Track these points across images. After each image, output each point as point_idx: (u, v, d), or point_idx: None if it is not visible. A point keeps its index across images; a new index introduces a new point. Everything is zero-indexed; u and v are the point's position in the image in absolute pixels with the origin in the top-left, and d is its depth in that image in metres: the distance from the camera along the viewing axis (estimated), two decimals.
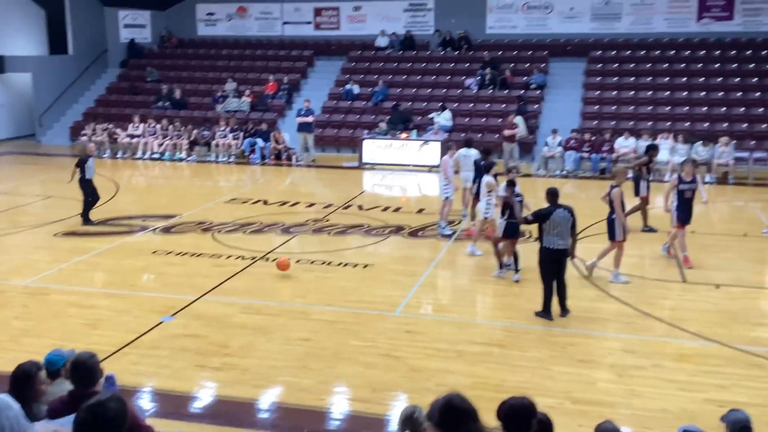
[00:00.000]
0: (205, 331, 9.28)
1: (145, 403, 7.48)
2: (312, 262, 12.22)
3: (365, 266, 12.01)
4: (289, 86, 26.52)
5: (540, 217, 9.70)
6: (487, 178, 12.16)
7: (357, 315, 9.89)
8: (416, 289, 10.96)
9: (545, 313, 9.67)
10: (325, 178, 20.92)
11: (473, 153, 14.38)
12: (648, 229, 14.12)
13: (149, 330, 9.28)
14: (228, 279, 11.35)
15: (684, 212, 11.89)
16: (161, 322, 9.53)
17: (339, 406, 7.57)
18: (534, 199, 12.59)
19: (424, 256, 12.65)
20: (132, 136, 24.04)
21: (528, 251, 12.95)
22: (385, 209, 16.20)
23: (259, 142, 22.89)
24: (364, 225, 14.69)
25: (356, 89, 25.53)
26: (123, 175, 20.98)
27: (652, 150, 14.71)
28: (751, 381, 7.93)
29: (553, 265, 9.70)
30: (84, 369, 4.53)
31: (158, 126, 24.14)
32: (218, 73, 27.80)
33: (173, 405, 7.53)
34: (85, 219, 14.70)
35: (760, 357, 8.50)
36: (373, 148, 21.92)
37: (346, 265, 12.11)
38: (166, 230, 14.32)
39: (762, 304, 10.39)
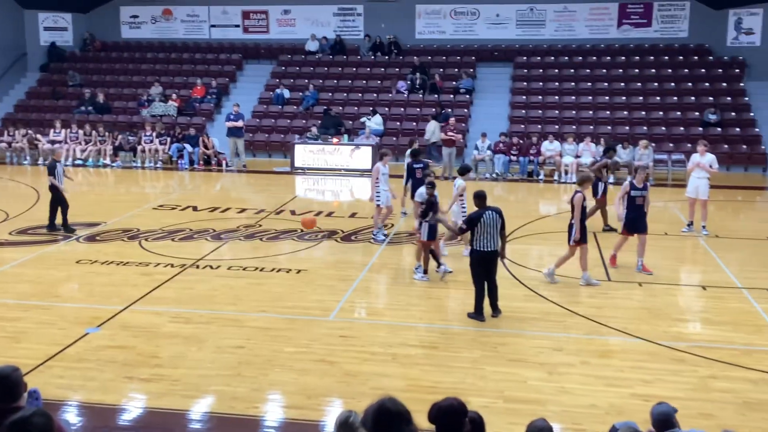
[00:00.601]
0: (133, 341, 9.04)
1: (71, 417, 7.24)
2: (244, 269, 12.08)
3: (298, 272, 11.95)
4: (218, 90, 26.17)
5: (471, 222, 9.85)
6: (460, 181, 12.62)
7: (291, 321, 9.82)
8: (350, 293, 10.95)
9: (477, 314, 9.82)
10: (256, 184, 20.71)
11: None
12: (608, 228, 14.48)
13: (74, 342, 8.99)
14: (156, 288, 11.10)
15: (630, 220, 11.91)
16: (87, 334, 9.25)
17: (273, 413, 7.50)
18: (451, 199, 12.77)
19: (357, 261, 12.66)
20: (53, 142, 23.25)
21: (453, 253, 13.13)
22: (318, 214, 16.14)
23: (188, 147, 22.50)
24: (296, 230, 14.60)
25: (287, 93, 25.38)
26: (44, 182, 20.24)
27: (611, 151, 15.16)
28: (674, 375, 8.23)
29: (483, 267, 9.86)
30: (6, 383, 4.34)
31: (81, 131, 23.44)
32: (143, 77, 27.20)
33: (101, 418, 7.32)
34: (60, 224, 14.34)
35: (681, 351, 8.83)
36: (305, 153, 21.84)
37: (279, 270, 12.02)
38: (91, 239, 13.91)
39: (682, 300, 10.80)
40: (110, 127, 23.84)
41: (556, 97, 24.29)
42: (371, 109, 23.81)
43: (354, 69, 26.68)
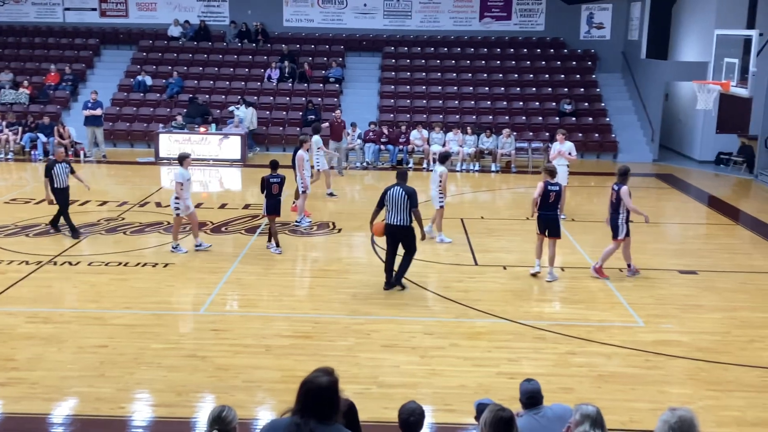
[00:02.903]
0: None
1: None
2: (106, 264, 11.57)
3: (166, 265, 11.58)
4: (74, 77, 24.78)
5: (381, 197, 10.58)
6: (440, 168, 12.79)
7: (158, 317, 9.52)
8: (221, 286, 10.75)
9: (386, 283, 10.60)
10: (118, 175, 19.81)
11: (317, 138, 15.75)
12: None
13: None
14: (11, 286, 10.43)
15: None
16: None
17: (141, 413, 7.26)
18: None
19: (228, 252, 12.43)
20: None
21: (332, 242, 13.18)
22: None
23: (41, 137, 21.19)
24: (163, 223, 14.13)
25: (149, 81, 24.42)
26: None
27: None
28: (537, 353, 8.67)
29: (390, 239, 10.53)
30: None
31: None
32: None
33: None
34: (54, 224, 13.33)
35: (543, 330, 9.31)
36: (170, 143, 21.11)
37: (144, 265, 11.60)
38: None
39: (542, 282, 11.36)
40: None
41: (424, 87, 24.80)
42: (240, 97, 23.36)
43: (220, 56, 26.05)
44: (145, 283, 10.81)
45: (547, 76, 25.11)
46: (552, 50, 26.22)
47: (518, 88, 24.66)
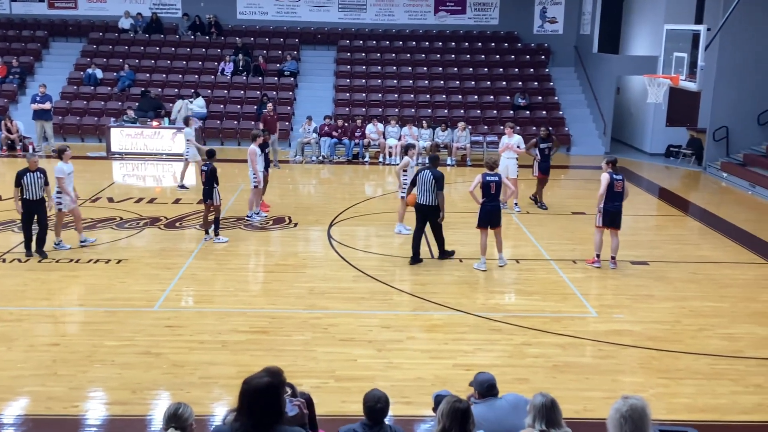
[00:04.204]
0: None
1: None
2: (57, 261, 11.33)
3: (119, 261, 11.39)
4: (21, 70, 24.13)
5: (414, 177, 11.90)
6: (406, 158, 13.10)
7: (111, 314, 9.36)
8: (176, 281, 10.62)
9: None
10: None
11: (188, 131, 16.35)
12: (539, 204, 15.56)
13: None
14: None
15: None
16: None
17: (95, 411, 7.13)
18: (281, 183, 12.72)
19: (183, 248, 12.27)
20: None
21: (288, 237, 13.12)
22: (139, 201, 15.45)
23: None
24: (115, 218, 13.89)
25: (99, 74, 23.92)
26: None
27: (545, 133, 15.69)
28: (492, 344, 8.77)
29: (419, 215, 11.62)
30: None
31: None
32: None
33: None
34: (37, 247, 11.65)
35: (498, 322, 9.42)
36: (122, 137, 20.74)
37: (96, 261, 11.39)
38: None
39: (496, 274, 11.48)
40: None
41: (379, 81, 24.80)
42: (193, 91, 23.05)
43: (173, 49, 25.64)
44: (98, 279, 10.62)
45: (501, 70, 25.34)
46: (506, 44, 26.45)
47: (473, 82, 24.83)
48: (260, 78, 24.42)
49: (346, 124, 21.40)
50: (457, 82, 24.78)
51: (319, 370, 7.94)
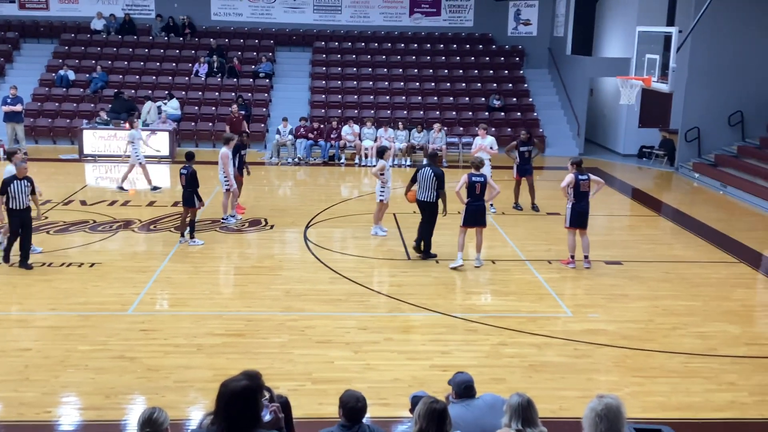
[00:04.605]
0: None
1: None
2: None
3: (92, 265, 11.25)
4: None
5: (414, 174, 12.13)
6: (380, 162, 12.97)
7: (85, 318, 9.25)
8: (150, 285, 10.52)
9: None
10: (40, 173, 19.02)
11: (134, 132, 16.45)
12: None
13: None
14: None
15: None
16: None
17: (68, 417, 7.05)
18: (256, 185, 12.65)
19: (157, 251, 12.16)
20: None
21: (264, 239, 13.06)
22: (112, 203, 15.28)
23: None
24: (88, 221, 13.73)
25: (71, 75, 23.64)
26: None
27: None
28: (469, 345, 8.80)
29: (420, 211, 12.03)
30: None
31: None
32: None
33: None
34: (5, 256, 11.15)
35: (474, 322, 9.45)
36: (95, 139, 20.51)
37: (69, 265, 11.25)
38: None
39: (473, 275, 11.52)
40: None
41: (355, 83, 24.79)
42: (167, 92, 22.87)
43: (146, 50, 25.42)
44: (71, 283, 10.49)
45: (476, 71, 25.45)
46: (481, 46, 26.57)
47: (448, 84, 24.90)
48: (235, 79, 24.30)
49: (321, 126, 21.36)
50: (433, 84, 24.84)
51: (296, 373, 7.91)
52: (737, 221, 15.35)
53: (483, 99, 24.29)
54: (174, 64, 24.95)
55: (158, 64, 24.91)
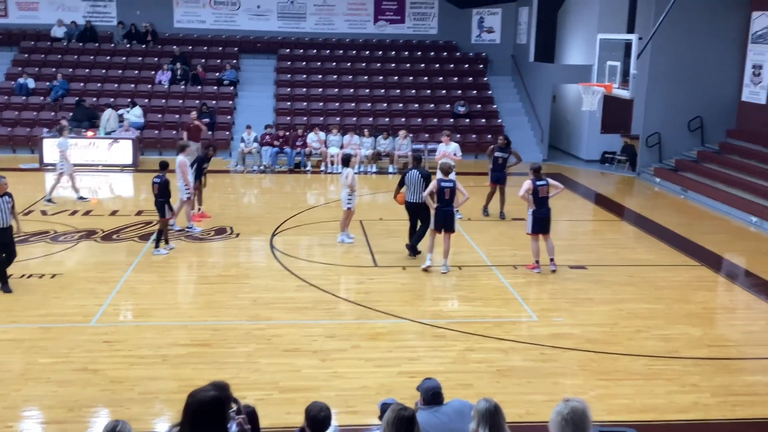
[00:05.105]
0: None
1: None
2: None
3: (53, 276, 11.05)
4: None
5: (402, 177, 12.59)
6: (347, 170, 12.96)
7: (46, 330, 9.07)
8: (113, 295, 10.36)
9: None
10: None
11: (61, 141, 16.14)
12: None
13: None
14: None
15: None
16: None
17: (30, 431, 6.89)
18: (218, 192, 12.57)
19: (120, 261, 11.99)
20: None
21: (230, 247, 12.95)
22: (74, 213, 15.03)
23: None
24: (49, 231, 13.48)
25: (31, 83, 23.23)
26: None
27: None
28: (437, 351, 8.82)
29: (409, 213, 12.43)
30: None
31: None
32: None
33: None
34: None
35: (441, 328, 9.48)
36: (56, 148, 20.13)
37: (30, 276, 11.03)
38: None
39: (439, 281, 11.56)
40: None
41: (320, 90, 24.75)
42: (130, 100, 22.59)
43: (108, 58, 25.10)
44: (31, 295, 10.28)
45: (441, 78, 25.59)
46: (445, 53, 26.74)
47: (413, 90, 25.01)
48: (199, 87, 24.11)
49: (287, 133, 21.28)
50: (398, 91, 24.92)
51: (263, 382, 7.85)
52: (698, 225, 15.64)
53: (448, 106, 24.42)
54: (136, 72, 24.67)
55: (120, 71, 24.62)
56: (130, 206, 15.75)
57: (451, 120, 23.70)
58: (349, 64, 25.83)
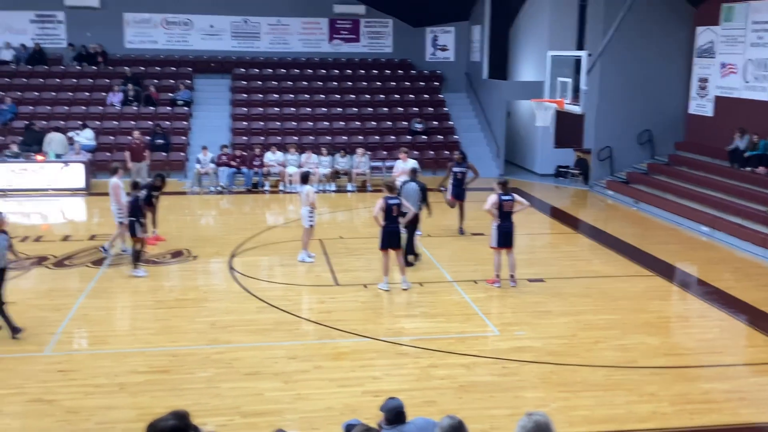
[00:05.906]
0: None
1: None
2: None
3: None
4: None
5: (398, 189, 12.68)
6: (307, 188, 12.95)
7: None
8: (67, 323, 10.12)
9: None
10: None
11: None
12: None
13: None
14: None
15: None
16: None
17: None
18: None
19: (73, 287, 11.72)
20: None
21: (187, 270, 12.78)
22: (24, 239, 14.67)
23: None
24: None
25: None
26: None
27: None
28: (400, 369, 8.80)
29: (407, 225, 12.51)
30: None
31: None
32: None
33: None
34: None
35: (404, 346, 9.47)
36: (5, 173, 19.69)
37: None
38: None
39: (401, 298, 11.56)
40: None
41: (277, 109, 24.68)
42: (81, 123, 22.22)
43: (58, 80, 24.67)
44: None
45: (397, 96, 25.75)
46: (401, 71, 26.93)
47: (371, 109, 25.10)
48: (152, 108, 23.84)
49: (244, 153, 21.15)
50: (355, 109, 24.99)
51: (224, 407, 7.73)
52: (650, 236, 15.96)
53: (405, 123, 24.57)
54: (87, 94, 24.29)
55: (71, 93, 24.20)
56: (83, 231, 15.44)
57: (409, 137, 23.84)
58: (305, 83, 25.83)
